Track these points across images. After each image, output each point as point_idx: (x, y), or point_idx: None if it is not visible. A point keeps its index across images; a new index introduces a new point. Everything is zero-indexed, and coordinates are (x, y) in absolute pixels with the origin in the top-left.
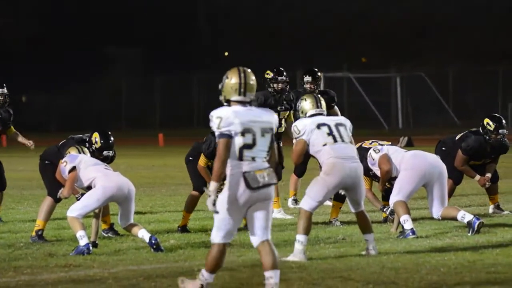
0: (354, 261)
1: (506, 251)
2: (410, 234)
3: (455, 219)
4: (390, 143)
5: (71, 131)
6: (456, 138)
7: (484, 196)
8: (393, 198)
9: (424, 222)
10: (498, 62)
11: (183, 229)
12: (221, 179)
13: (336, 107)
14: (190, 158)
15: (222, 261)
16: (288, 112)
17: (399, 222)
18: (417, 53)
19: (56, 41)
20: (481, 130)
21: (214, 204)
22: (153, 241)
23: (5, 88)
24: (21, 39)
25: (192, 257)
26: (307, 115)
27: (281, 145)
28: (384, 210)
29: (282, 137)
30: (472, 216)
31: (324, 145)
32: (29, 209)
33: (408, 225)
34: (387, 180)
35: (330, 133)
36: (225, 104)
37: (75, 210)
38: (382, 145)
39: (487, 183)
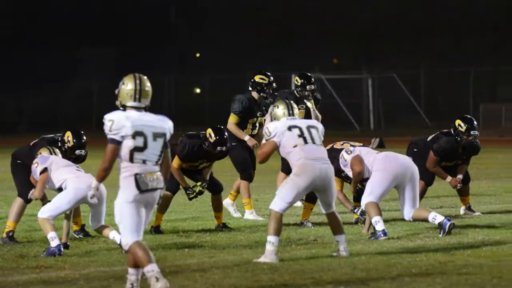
0: (325, 262)
1: (477, 252)
2: (382, 235)
3: (426, 220)
4: (361, 144)
5: (42, 132)
6: (428, 139)
7: (456, 197)
8: (365, 199)
9: (395, 224)
10: (469, 64)
11: (156, 230)
12: (104, 179)
13: (316, 111)
14: None
15: (149, 251)
16: (264, 118)
17: (370, 223)
18: (388, 55)
19: (27, 41)
20: (452, 132)
21: (91, 198)
22: None
23: None
24: None
25: (164, 258)
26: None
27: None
28: (355, 211)
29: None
30: (443, 217)
31: (295, 146)
32: (0, 210)
33: (379, 226)
34: (359, 181)
35: (301, 135)
36: (121, 109)
37: (46, 211)
38: (353, 146)
39: (459, 185)
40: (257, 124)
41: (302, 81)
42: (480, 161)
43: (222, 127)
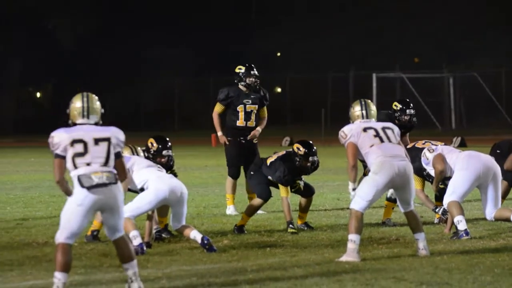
0: (407, 262)
1: None
2: (464, 235)
3: (508, 220)
4: (443, 143)
5: (124, 131)
6: None
7: None
8: (447, 198)
9: (477, 223)
10: None
11: (239, 229)
12: (70, 193)
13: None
14: (252, 172)
15: (70, 259)
16: (256, 106)
17: (452, 223)
18: (470, 53)
19: (109, 40)
20: None
21: None
22: (205, 242)
23: None
24: (74, 39)
25: (246, 258)
26: (354, 123)
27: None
28: (437, 210)
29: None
30: None
31: (371, 146)
32: None
33: (462, 226)
34: (441, 180)
35: (377, 135)
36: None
37: (127, 211)
38: (435, 145)
39: None
40: (252, 116)
41: (401, 106)
42: None
43: (308, 140)
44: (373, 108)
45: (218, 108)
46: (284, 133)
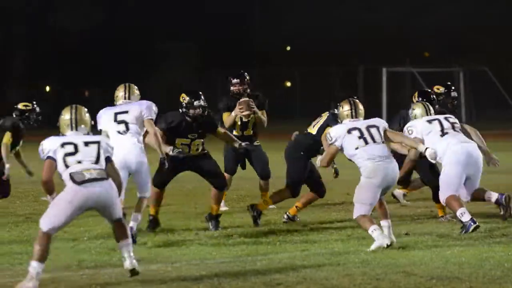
0: (417, 256)
1: None
2: (472, 224)
3: (483, 200)
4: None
5: None
6: None
7: None
8: (443, 194)
9: (487, 218)
10: None
11: (255, 210)
12: (51, 192)
13: None
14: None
15: (48, 250)
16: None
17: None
18: (480, 47)
19: (115, 35)
20: None
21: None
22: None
23: None
24: (78, 32)
25: (255, 252)
26: (343, 122)
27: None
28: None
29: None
30: (497, 194)
31: (356, 148)
32: None
33: (466, 217)
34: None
35: (361, 136)
36: None
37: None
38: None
39: None
40: (249, 125)
41: (445, 89)
42: None
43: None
44: (361, 107)
45: (225, 117)
46: (293, 128)
